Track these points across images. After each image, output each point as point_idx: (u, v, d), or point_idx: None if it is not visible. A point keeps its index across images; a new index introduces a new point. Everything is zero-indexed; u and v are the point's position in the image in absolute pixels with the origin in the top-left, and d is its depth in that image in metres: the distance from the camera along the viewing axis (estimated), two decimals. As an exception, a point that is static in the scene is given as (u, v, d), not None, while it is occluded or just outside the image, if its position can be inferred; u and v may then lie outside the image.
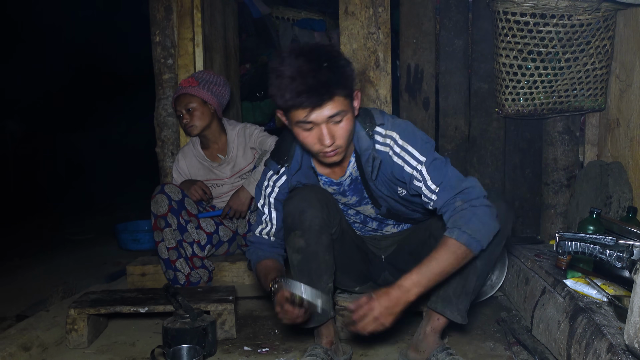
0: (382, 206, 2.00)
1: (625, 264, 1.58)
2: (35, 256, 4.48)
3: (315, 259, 1.85)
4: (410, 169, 1.79)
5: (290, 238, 1.87)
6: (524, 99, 2.82)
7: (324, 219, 1.84)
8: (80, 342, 2.19)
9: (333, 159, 1.75)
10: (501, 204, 1.78)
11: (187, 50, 3.22)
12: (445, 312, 1.87)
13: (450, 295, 1.85)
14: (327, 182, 1.97)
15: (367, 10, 3.02)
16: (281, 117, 1.76)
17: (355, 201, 2.02)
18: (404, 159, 1.80)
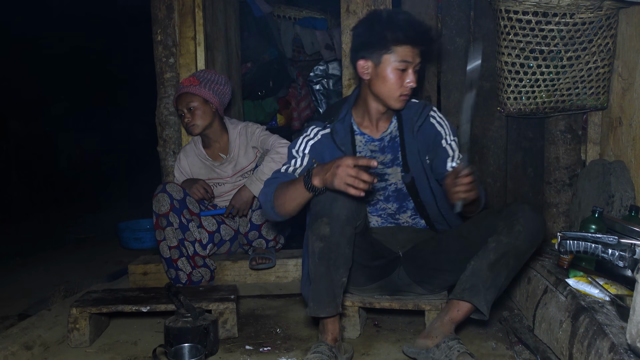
0: (410, 171, 2.16)
1: (627, 263, 1.58)
2: (37, 255, 4.48)
3: (337, 249, 1.86)
4: (444, 134, 2.16)
5: (317, 225, 1.86)
6: (526, 98, 2.82)
7: (352, 210, 1.86)
8: (82, 341, 2.19)
9: (404, 103, 2.08)
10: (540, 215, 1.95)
11: (189, 49, 3.22)
12: (472, 300, 1.90)
13: (480, 287, 1.90)
14: (368, 140, 2.19)
15: (368, 8, 3.02)
16: (365, 65, 2.04)
17: (389, 160, 2.19)
18: (442, 126, 2.18)
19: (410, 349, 1.96)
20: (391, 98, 2.05)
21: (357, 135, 2.19)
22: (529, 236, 1.89)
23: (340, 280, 1.89)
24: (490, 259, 1.90)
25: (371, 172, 1.88)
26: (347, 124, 2.18)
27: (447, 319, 1.96)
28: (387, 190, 2.24)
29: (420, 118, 2.15)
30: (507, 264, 1.90)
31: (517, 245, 1.89)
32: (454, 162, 2.13)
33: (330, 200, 1.85)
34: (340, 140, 2.15)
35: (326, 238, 1.85)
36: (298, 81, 5.30)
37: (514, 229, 1.89)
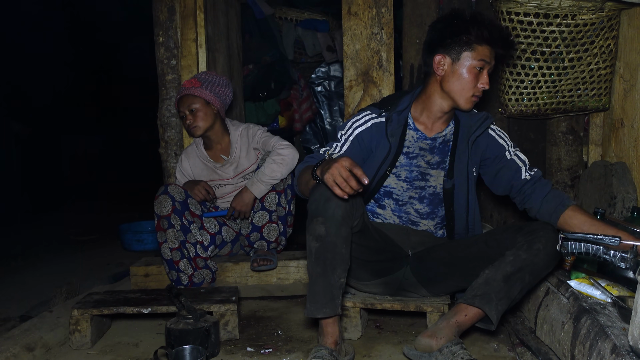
0: (454, 178, 2.17)
1: (629, 264, 1.58)
2: (39, 256, 4.49)
3: (333, 249, 1.84)
4: (507, 147, 2.19)
5: (312, 225, 1.86)
6: (527, 99, 2.82)
7: (347, 210, 1.85)
8: (83, 342, 2.19)
9: (470, 105, 2.08)
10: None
11: (190, 51, 3.23)
12: (484, 307, 1.87)
13: (492, 296, 1.88)
14: (420, 137, 2.18)
15: (370, 10, 3.02)
16: (442, 60, 2.05)
17: (436, 162, 2.20)
18: (502, 138, 2.21)
19: (412, 351, 1.93)
20: (462, 97, 2.06)
21: (410, 130, 2.18)
22: (547, 256, 1.89)
23: (338, 281, 1.87)
24: (506, 270, 1.89)
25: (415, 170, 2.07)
26: (402, 117, 2.16)
27: (453, 321, 1.92)
28: (425, 191, 2.23)
29: (480, 129, 2.15)
30: (522, 279, 1.89)
31: (535, 262, 1.88)
32: (529, 172, 2.17)
33: (324, 199, 1.84)
34: (391, 131, 2.14)
35: (322, 238, 1.83)
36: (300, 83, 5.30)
37: (534, 246, 1.89)
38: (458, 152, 2.16)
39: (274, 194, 2.77)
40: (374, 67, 3.04)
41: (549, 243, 1.89)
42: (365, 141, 2.17)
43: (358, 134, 2.17)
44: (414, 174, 2.20)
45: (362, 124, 2.18)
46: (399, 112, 2.15)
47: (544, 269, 1.93)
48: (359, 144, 2.17)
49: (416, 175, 2.20)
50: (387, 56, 3.03)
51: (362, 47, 3.04)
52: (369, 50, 3.04)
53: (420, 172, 2.20)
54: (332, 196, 1.80)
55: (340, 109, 5.85)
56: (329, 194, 1.81)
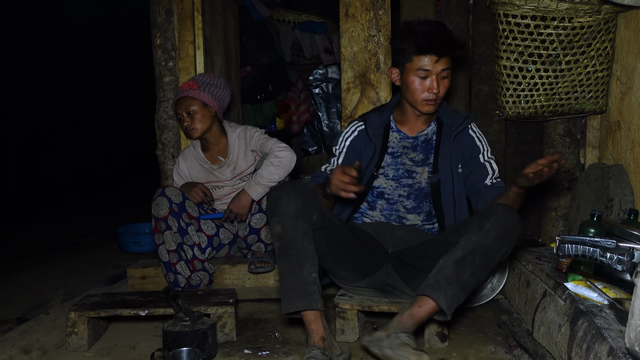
0: (439, 173, 2.26)
1: (626, 267, 1.58)
2: (35, 258, 4.48)
3: (294, 245, 1.91)
4: (482, 150, 2.28)
5: (271, 226, 1.98)
6: (524, 102, 2.82)
7: (299, 205, 1.94)
8: (80, 345, 2.19)
9: (431, 108, 2.21)
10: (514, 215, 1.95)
11: (188, 52, 3.23)
12: (432, 294, 1.84)
13: (442, 282, 1.85)
14: (403, 137, 2.34)
15: (367, 13, 3.03)
16: (394, 72, 2.25)
17: (420, 159, 2.31)
18: (480, 142, 2.30)
19: (367, 338, 1.89)
20: (417, 103, 2.21)
21: (393, 132, 2.36)
22: (498, 234, 1.89)
23: (310, 277, 1.90)
24: (457, 255, 1.88)
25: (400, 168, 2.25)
26: (384, 119, 2.36)
27: (406, 314, 1.88)
28: (412, 188, 2.32)
29: (460, 127, 2.27)
30: (472, 261, 1.87)
31: (485, 242, 1.88)
32: (493, 180, 2.26)
33: (275, 200, 1.96)
34: (372, 132, 2.34)
35: (281, 236, 1.93)
36: (297, 85, 5.30)
37: (484, 227, 1.89)
38: (442, 149, 2.28)
39: (271, 196, 2.76)
40: (371, 70, 3.05)
41: (498, 222, 1.89)
42: (355, 148, 2.37)
43: (349, 144, 2.39)
44: (400, 172, 2.32)
45: (350, 134, 2.40)
46: (380, 115, 2.37)
47: (496, 250, 1.90)
48: (353, 152, 2.38)
49: (403, 172, 2.32)
50: (385, 58, 3.03)
51: (360, 50, 3.05)
52: (366, 52, 3.04)
53: (406, 169, 2.32)
54: (281, 195, 1.94)
55: (337, 111, 5.86)
56: (278, 194, 1.96)
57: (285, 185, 2.01)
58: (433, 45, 2.11)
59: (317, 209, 2.03)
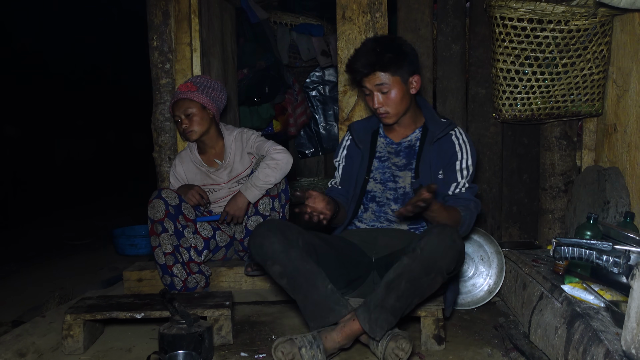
0: (420, 178, 2.30)
1: (622, 269, 1.58)
2: (31, 261, 4.47)
3: (299, 273, 2.00)
4: (460, 157, 2.29)
5: (267, 270, 2.07)
6: (521, 104, 2.83)
7: (282, 239, 2.03)
8: (76, 347, 2.18)
9: (388, 120, 2.30)
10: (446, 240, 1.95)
11: (185, 55, 3.22)
12: (359, 316, 1.93)
13: (370, 304, 1.92)
14: (388, 142, 2.42)
15: (364, 15, 3.03)
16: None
17: (402, 164, 2.37)
18: (461, 148, 2.31)
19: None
20: (377, 117, 2.34)
21: (381, 137, 2.45)
22: (423, 260, 1.88)
23: (326, 290, 1.99)
24: (389, 277, 1.92)
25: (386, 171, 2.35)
26: (371, 125, 2.47)
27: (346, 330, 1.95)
28: (397, 192, 2.37)
29: (442, 132, 2.31)
30: (398, 286, 1.89)
31: (411, 267, 1.88)
32: (458, 190, 2.28)
33: (258, 246, 2.05)
34: (358, 139, 2.45)
35: (283, 273, 2.02)
36: (294, 87, 5.30)
37: (415, 251, 1.90)
38: (423, 154, 2.32)
39: (268, 198, 2.76)
40: (368, 72, 3.04)
41: (426, 247, 1.88)
42: (351, 157, 2.50)
43: (345, 154, 2.52)
44: (386, 175, 2.39)
45: (345, 145, 2.54)
46: (367, 121, 2.50)
47: (422, 276, 1.90)
48: (350, 161, 2.49)
49: (388, 176, 2.39)
50: (382, 61, 3.03)
51: (357, 52, 3.04)
52: (363, 55, 3.04)
53: (391, 173, 2.38)
54: (261, 240, 2.03)
55: (334, 114, 5.86)
56: (258, 241, 2.04)
57: (259, 228, 2.09)
58: (359, 65, 2.20)
59: (298, 233, 2.10)
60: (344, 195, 2.47)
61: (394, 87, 2.21)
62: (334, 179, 2.54)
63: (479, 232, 2.79)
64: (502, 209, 3.30)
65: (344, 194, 2.48)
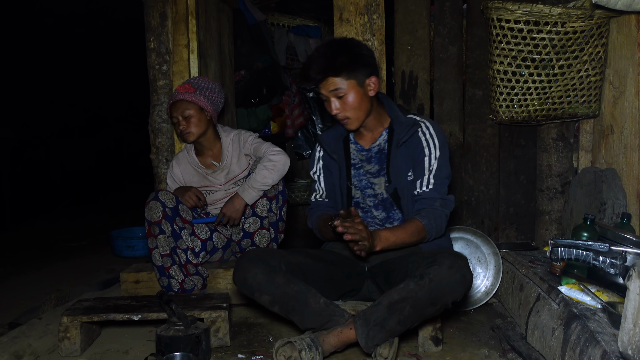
0: (392, 183, 2.25)
1: (618, 270, 1.59)
2: (28, 263, 4.46)
3: (289, 297, 2.01)
4: (428, 153, 2.20)
5: (257, 300, 2.06)
6: (518, 106, 2.83)
7: (264, 269, 2.03)
8: (72, 350, 2.17)
9: (350, 126, 2.21)
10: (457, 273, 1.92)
11: (182, 56, 3.22)
12: (357, 329, 1.92)
13: (371, 320, 1.91)
14: (359, 149, 2.34)
15: (361, 17, 3.03)
16: None
17: (376, 170, 2.31)
18: (428, 143, 2.21)
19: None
20: (339, 124, 2.26)
21: (352, 144, 2.36)
22: (431, 292, 1.87)
23: (320, 304, 1.99)
24: (393, 297, 1.90)
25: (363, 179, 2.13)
26: (340, 134, 2.36)
27: (343, 336, 1.96)
28: (377, 199, 2.33)
29: (406, 135, 2.21)
30: (402, 310, 1.88)
31: (418, 295, 1.87)
32: (424, 187, 2.19)
33: (242, 280, 2.05)
34: (331, 149, 2.37)
35: (273, 301, 2.03)
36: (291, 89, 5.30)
37: (423, 279, 1.88)
38: (392, 158, 2.25)
39: (265, 200, 2.76)
40: (365, 74, 3.05)
41: (436, 278, 1.87)
42: (328, 167, 2.42)
43: (322, 165, 2.44)
44: (363, 183, 2.34)
45: (319, 156, 2.45)
46: (334, 131, 2.38)
47: (427, 305, 1.89)
48: (328, 172, 2.42)
49: (365, 184, 2.34)
50: (379, 62, 3.04)
51: (354, 54, 3.05)
52: (360, 56, 3.04)
53: (367, 180, 2.33)
54: (244, 274, 2.03)
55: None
56: (241, 275, 2.04)
57: (240, 262, 2.08)
58: (311, 72, 2.13)
59: (280, 258, 2.11)
60: (333, 207, 2.41)
61: (350, 91, 2.13)
62: (317, 193, 2.45)
63: (476, 233, 2.79)
64: (499, 210, 3.31)
65: (332, 206, 2.41)
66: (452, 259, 1.92)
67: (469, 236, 2.79)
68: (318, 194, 2.44)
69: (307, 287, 2.03)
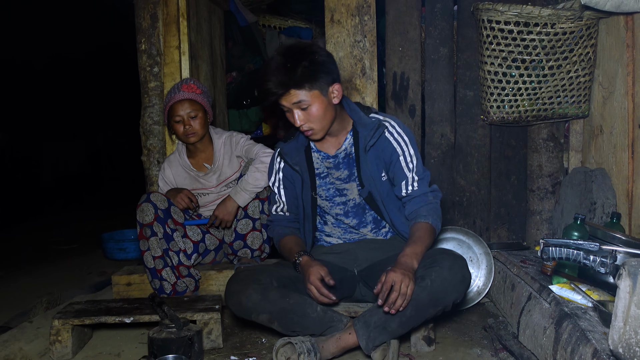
0: (365, 187, 2.20)
1: (608, 269, 1.60)
2: (19, 266, 4.42)
3: (286, 311, 2.01)
4: (402, 152, 2.15)
5: (255, 320, 2.06)
6: (508, 106, 2.85)
7: (256, 289, 2.02)
8: (64, 353, 2.16)
9: (314, 137, 2.13)
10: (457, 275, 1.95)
11: (173, 58, 3.22)
12: (358, 331, 1.94)
13: (371, 323, 1.94)
14: (324, 157, 2.26)
15: (353, 18, 3.04)
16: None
17: (346, 176, 2.25)
18: (399, 143, 2.16)
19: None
20: (302, 134, 2.18)
21: (314, 153, 2.28)
22: (432, 293, 1.89)
23: (317, 312, 2.02)
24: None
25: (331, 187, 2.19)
26: (301, 143, 2.27)
27: (341, 340, 1.98)
28: (347, 206, 2.29)
29: (373, 138, 2.16)
30: (403, 312, 1.89)
31: (420, 297, 1.89)
32: (410, 187, 2.15)
33: (237, 303, 2.04)
34: (293, 161, 2.26)
35: (272, 318, 2.02)
36: (283, 90, 5.29)
37: (424, 281, 1.90)
38: (362, 162, 2.20)
39: (257, 201, 2.76)
40: (357, 75, 3.06)
41: (438, 279, 1.89)
42: (289, 178, 2.32)
43: (282, 176, 2.34)
44: (331, 192, 2.29)
45: (278, 167, 2.35)
46: (295, 142, 2.28)
47: (429, 307, 1.92)
48: (289, 182, 2.32)
49: (333, 192, 2.28)
50: (370, 64, 3.05)
51: (345, 55, 3.06)
52: (352, 57, 3.05)
53: (336, 188, 2.27)
54: (238, 297, 2.03)
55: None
56: (235, 299, 2.03)
57: (231, 285, 2.08)
58: (271, 86, 2.00)
59: (270, 274, 2.11)
60: (293, 221, 2.35)
61: (314, 102, 2.03)
62: (278, 205, 2.35)
63: (467, 233, 2.80)
64: (491, 211, 3.32)
65: (293, 219, 2.35)
66: (451, 260, 1.94)
67: (460, 236, 2.80)
68: (278, 207, 2.35)
69: (302, 297, 2.03)
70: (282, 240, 2.29)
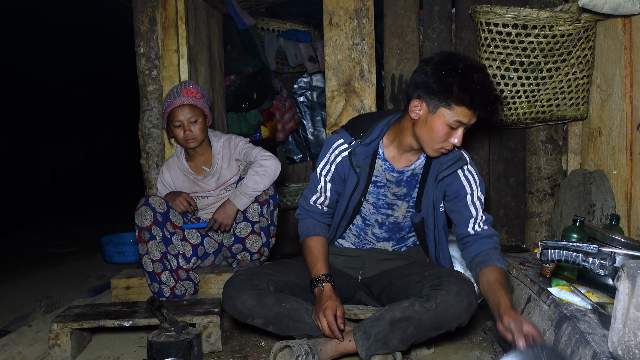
0: (422, 212, 2.17)
1: (607, 271, 1.60)
2: (17, 270, 4.41)
3: (282, 316, 2.03)
4: (470, 191, 2.12)
5: (252, 323, 2.07)
6: (507, 109, 2.85)
7: (251, 294, 2.04)
8: (63, 357, 2.16)
9: (440, 155, 2.04)
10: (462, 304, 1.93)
11: (172, 61, 3.22)
12: (358, 341, 1.94)
13: (372, 334, 1.94)
14: (388, 168, 2.16)
15: (351, 21, 3.04)
16: (418, 106, 1.96)
17: (402, 194, 2.19)
18: (469, 181, 2.13)
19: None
20: (429, 147, 2.00)
21: (379, 159, 2.16)
22: (436, 317, 1.90)
23: (312, 318, 2.02)
24: (396, 315, 1.92)
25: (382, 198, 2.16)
26: (372, 147, 2.14)
27: (340, 347, 1.99)
28: (388, 219, 2.26)
29: (449, 170, 2.08)
30: (405, 329, 1.90)
31: (422, 318, 1.90)
32: (478, 226, 2.12)
33: (233, 307, 2.06)
34: (357, 162, 2.14)
35: (267, 322, 2.04)
36: (282, 93, 5.31)
37: (428, 302, 1.90)
38: (426, 188, 2.15)
39: (256, 204, 2.75)
40: (355, 78, 3.06)
41: (442, 305, 1.89)
42: (340, 173, 2.20)
43: (334, 171, 2.20)
44: (380, 202, 2.23)
45: (334, 158, 2.19)
46: (367, 144, 2.13)
47: (430, 329, 1.93)
48: (338, 177, 2.20)
49: (383, 203, 2.23)
50: (369, 66, 3.05)
51: (344, 58, 3.06)
52: (350, 60, 3.06)
53: (387, 202, 2.22)
54: (233, 302, 2.05)
55: (322, 119, 5.87)
56: (230, 303, 2.06)
57: (227, 290, 2.09)
58: (483, 103, 1.88)
59: (267, 279, 2.11)
60: (328, 217, 2.28)
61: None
62: (319, 197, 2.24)
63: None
64: (490, 213, 3.32)
65: (328, 214, 2.27)
66: (459, 285, 1.92)
67: (459, 239, 2.80)
68: (319, 199, 2.25)
69: (299, 302, 2.04)
70: (311, 239, 2.20)
